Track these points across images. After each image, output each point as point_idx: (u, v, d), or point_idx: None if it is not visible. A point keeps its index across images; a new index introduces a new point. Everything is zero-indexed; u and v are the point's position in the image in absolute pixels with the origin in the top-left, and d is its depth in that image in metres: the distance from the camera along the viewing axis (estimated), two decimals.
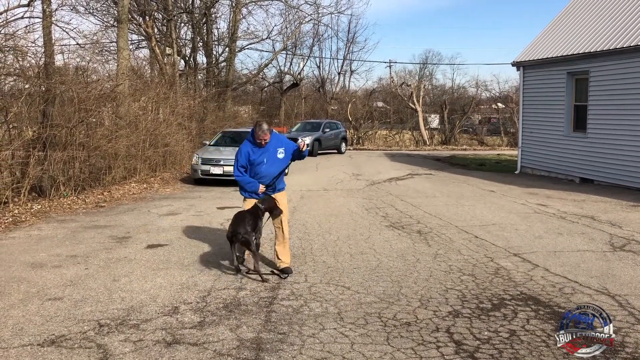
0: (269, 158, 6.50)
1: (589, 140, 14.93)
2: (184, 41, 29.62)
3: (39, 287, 5.86)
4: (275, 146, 6.56)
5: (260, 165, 6.48)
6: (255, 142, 6.43)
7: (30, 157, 11.09)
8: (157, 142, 16.26)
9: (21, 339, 4.48)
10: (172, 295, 5.59)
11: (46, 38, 14.29)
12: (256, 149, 6.47)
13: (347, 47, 45.63)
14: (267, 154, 6.48)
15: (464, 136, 38.83)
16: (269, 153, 6.50)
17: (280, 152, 6.57)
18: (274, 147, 6.54)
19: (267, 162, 6.47)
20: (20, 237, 8.37)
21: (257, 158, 6.47)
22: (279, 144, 6.61)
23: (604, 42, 14.42)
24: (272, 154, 6.52)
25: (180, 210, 10.79)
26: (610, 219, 9.76)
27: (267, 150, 6.50)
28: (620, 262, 6.89)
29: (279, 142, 6.63)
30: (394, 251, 7.44)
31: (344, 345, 4.39)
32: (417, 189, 14.15)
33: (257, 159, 6.47)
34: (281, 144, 6.64)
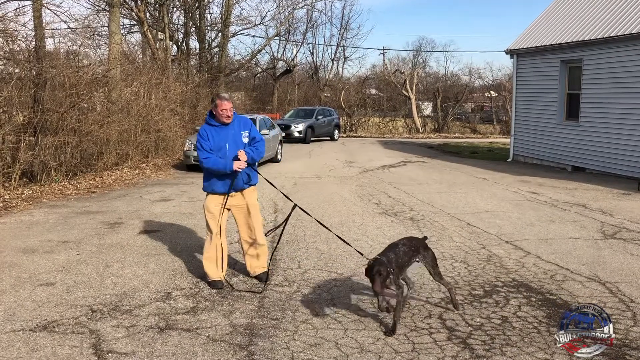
0: (233, 141, 5.38)
1: (582, 128, 14.97)
2: (176, 26, 29.40)
3: (30, 272, 5.84)
4: (239, 128, 5.46)
5: (221, 150, 5.32)
6: (218, 121, 5.38)
7: (21, 142, 11.00)
8: (149, 128, 16.16)
9: (13, 324, 4.46)
10: (165, 281, 5.57)
11: (37, 21, 14.11)
12: (218, 130, 5.38)
13: (340, 33, 45.52)
14: (230, 137, 5.38)
15: (456, 124, 38.85)
16: (233, 134, 5.39)
17: (245, 135, 5.46)
18: (238, 128, 5.45)
19: (229, 147, 5.35)
20: (11, 223, 8.31)
21: (219, 141, 5.34)
22: (244, 126, 5.51)
23: (598, 30, 14.41)
24: (236, 136, 5.40)
25: (172, 197, 10.75)
26: (602, 207, 9.81)
27: (230, 132, 5.39)
28: (611, 249, 6.94)
29: (245, 124, 5.53)
30: (386, 238, 7.45)
31: (337, 331, 4.40)
32: (410, 176, 14.17)
33: (219, 142, 5.34)
34: (246, 126, 5.52)
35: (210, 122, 5.41)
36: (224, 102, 5.28)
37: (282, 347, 4.09)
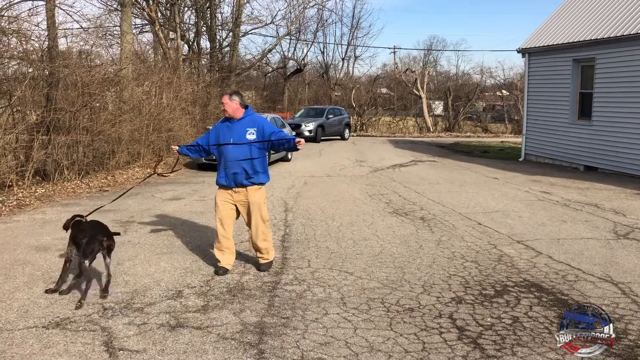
0: (236, 138, 5.57)
1: (594, 128, 14.85)
2: (187, 25, 29.50)
3: (43, 270, 5.89)
4: (246, 125, 5.60)
5: (226, 146, 5.58)
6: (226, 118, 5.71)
7: (34, 141, 11.10)
8: (160, 127, 16.23)
9: (26, 321, 4.50)
10: (176, 279, 5.61)
11: (49, 21, 14.22)
12: (228, 125, 5.67)
13: (351, 32, 45.38)
14: (234, 132, 5.59)
15: (467, 123, 38.68)
16: (237, 131, 5.59)
17: (251, 132, 5.56)
18: (244, 125, 5.60)
19: (232, 143, 5.57)
20: (24, 221, 8.40)
21: (224, 137, 5.62)
22: (252, 123, 5.63)
23: (610, 29, 14.29)
24: (240, 132, 5.57)
25: (183, 195, 10.80)
26: (614, 206, 9.73)
27: (235, 128, 5.61)
28: (624, 250, 6.88)
29: (253, 121, 5.65)
30: (397, 237, 7.44)
31: (347, 330, 4.41)
32: (421, 175, 14.13)
33: (223, 137, 5.62)
34: (254, 124, 5.62)
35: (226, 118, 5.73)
36: (222, 97, 5.61)
37: (292, 346, 4.10)
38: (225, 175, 5.66)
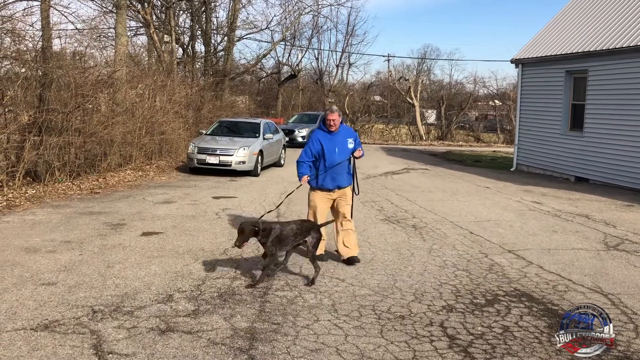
0: (340, 147, 6.47)
1: (586, 139, 14.96)
2: (182, 29, 29.46)
3: (32, 271, 5.84)
4: (345, 135, 6.56)
5: (332, 154, 6.43)
6: (327, 129, 6.47)
7: (26, 142, 11.02)
8: (153, 130, 16.18)
9: (14, 323, 4.46)
10: (167, 283, 5.58)
11: (44, 22, 14.19)
12: (328, 137, 6.48)
13: (346, 39, 45.34)
14: (337, 143, 6.47)
15: (460, 132, 38.83)
16: (339, 142, 6.49)
17: (350, 142, 6.56)
18: (344, 136, 6.54)
19: (338, 151, 6.43)
20: (14, 222, 8.33)
21: (327, 147, 6.45)
22: (349, 134, 6.65)
23: (603, 41, 14.42)
24: (342, 142, 6.50)
25: (175, 199, 10.76)
26: (605, 218, 9.79)
27: (336, 139, 6.48)
28: (614, 261, 6.92)
29: (349, 132, 6.68)
30: (388, 245, 7.45)
31: (338, 337, 4.40)
32: (413, 183, 14.16)
33: (327, 147, 6.45)
34: (351, 134, 6.68)
35: (322, 128, 6.56)
36: (332, 114, 6.44)
37: (282, 352, 4.08)
38: (331, 179, 6.47)
